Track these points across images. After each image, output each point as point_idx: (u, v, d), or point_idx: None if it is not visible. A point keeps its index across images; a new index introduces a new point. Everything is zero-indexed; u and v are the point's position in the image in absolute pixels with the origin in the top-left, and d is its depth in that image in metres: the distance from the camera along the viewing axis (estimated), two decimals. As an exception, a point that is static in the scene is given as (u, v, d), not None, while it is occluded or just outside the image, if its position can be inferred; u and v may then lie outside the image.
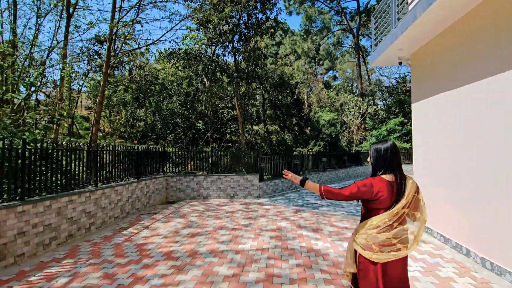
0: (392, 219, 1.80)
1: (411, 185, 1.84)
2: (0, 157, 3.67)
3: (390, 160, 1.89)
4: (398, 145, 19.78)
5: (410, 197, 1.82)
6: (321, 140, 20.84)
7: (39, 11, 12.48)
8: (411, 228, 1.87)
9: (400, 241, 1.81)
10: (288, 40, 35.96)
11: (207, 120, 18.90)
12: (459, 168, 3.96)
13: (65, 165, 4.85)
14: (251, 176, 9.01)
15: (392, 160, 1.89)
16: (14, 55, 9.62)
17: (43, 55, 14.13)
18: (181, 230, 5.34)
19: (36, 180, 4.23)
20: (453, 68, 4.08)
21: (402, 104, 26.45)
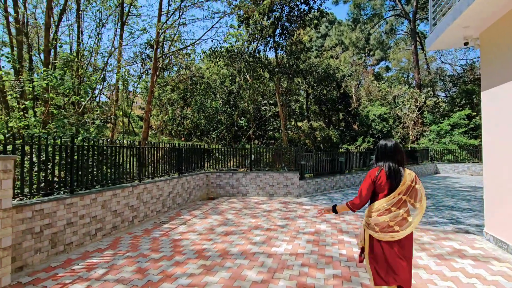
0: (389, 204, 2.16)
1: (408, 176, 2.20)
2: (51, 153, 4.01)
3: (390, 155, 2.27)
4: (465, 142, 17.35)
5: (406, 186, 2.16)
6: (370, 137, 19.34)
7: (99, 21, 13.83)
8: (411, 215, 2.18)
9: (397, 224, 2.13)
10: (334, 31, 34.20)
11: (249, 117, 18.98)
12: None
13: (110, 161, 5.17)
14: (291, 174, 8.67)
15: (391, 155, 2.26)
16: (77, 62, 10.79)
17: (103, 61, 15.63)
18: (216, 228, 5.30)
19: (84, 174, 4.56)
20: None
21: (469, 94, 23.09)
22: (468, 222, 5.55)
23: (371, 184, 2.27)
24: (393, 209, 2.15)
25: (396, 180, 2.20)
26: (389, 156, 2.27)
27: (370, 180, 2.27)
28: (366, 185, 2.27)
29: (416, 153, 15.47)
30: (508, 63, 3.82)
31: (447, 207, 6.97)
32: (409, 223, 2.14)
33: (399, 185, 2.18)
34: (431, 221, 5.67)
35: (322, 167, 10.10)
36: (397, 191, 2.17)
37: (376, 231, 2.20)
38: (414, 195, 2.18)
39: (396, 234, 2.12)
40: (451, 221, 5.60)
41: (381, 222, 2.17)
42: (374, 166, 2.35)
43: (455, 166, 16.22)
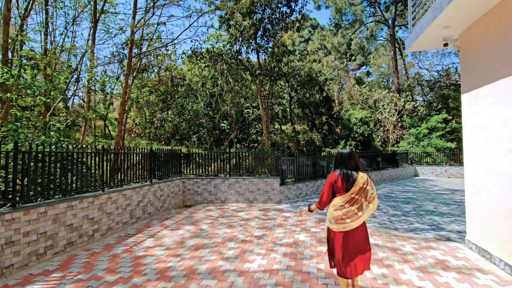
0: (344, 201, 2.62)
1: (360, 179, 2.63)
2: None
3: (344, 162, 2.71)
4: (442, 145, 17.76)
5: (358, 187, 2.61)
6: (352, 140, 19.44)
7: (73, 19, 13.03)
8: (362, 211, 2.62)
9: (348, 217, 2.59)
10: (317, 36, 34.60)
11: (232, 120, 18.59)
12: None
13: (66, 169, 4.62)
14: (271, 180, 8.34)
15: (345, 162, 2.71)
16: (43, 60, 9.99)
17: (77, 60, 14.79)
18: (187, 241, 4.86)
19: (32, 185, 4.00)
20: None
21: (445, 99, 23.86)
22: (449, 228, 5.43)
23: (330, 187, 2.75)
24: (346, 206, 2.63)
25: (350, 183, 2.66)
26: (344, 163, 2.74)
27: (329, 183, 2.75)
28: (326, 188, 2.76)
29: (396, 156, 15.64)
30: (487, 65, 3.69)
31: (428, 211, 6.87)
32: (358, 216, 2.60)
33: (352, 187, 2.64)
34: (412, 227, 5.50)
35: (304, 172, 9.86)
36: (351, 192, 2.63)
37: (332, 223, 2.68)
38: (365, 195, 2.64)
39: (347, 225, 2.60)
40: (432, 227, 5.45)
41: (336, 215, 2.65)
42: (332, 171, 2.83)
43: (433, 169, 16.54)
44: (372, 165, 13.58)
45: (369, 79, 38.56)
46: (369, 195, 2.64)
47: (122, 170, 6.15)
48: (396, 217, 6.32)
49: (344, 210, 2.62)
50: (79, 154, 4.94)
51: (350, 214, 2.60)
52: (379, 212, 6.86)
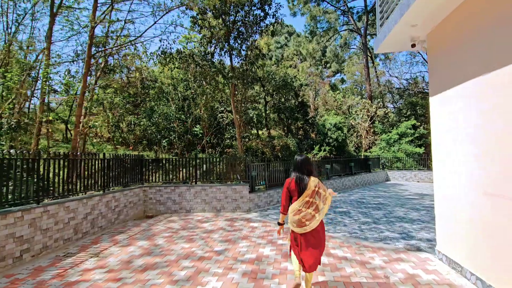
0: (300, 205, 2.84)
1: (312, 182, 2.87)
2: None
3: (298, 167, 2.97)
4: (411, 150, 18.30)
5: (311, 191, 2.85)
6: (326, 145, 19.54)
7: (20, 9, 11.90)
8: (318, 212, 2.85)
9: (307, 220, 2.82)
10: (293, 42, 35.02)
11: (205, 125, 17.96)
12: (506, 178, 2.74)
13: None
14: (240, 187, 7.88)
15: (299, 167, 2.96)
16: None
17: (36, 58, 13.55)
18: (136, 259, 4.24)
19: None
20: (492, 45, 2.89)
21: (414, 106, 24.91)
22: (419, 236, 5.25)
23: (287, 191, 2.96)
24: (303, 209, 2.80)
25: (301, 187, 2.85)
26: (298, 168, 2.95)
27: (286, 187, 2.97)
28: (283, 192, 2.98)
29: (368, 162, 15.82)
30: (455, 65, 3.52)
31: (398, 218, 6.74)
32: (315, 218, 2.80)
33: (304, 191, 2.83)
34: (382, 236, 5.26)
35: (276, 178, 9.51)
36: (304, 195, 2.82)
37: (295, 226, 2.86)
38: (319, 197, 2.84)
39: (308, 227, 2.78)
40: (402, 236, 5.25)
41: (296, 220, 2.81)
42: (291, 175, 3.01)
43: (403, 174, 16.94)
44: (346, 170, 13.57)
45: (344, 86, 39.60)
46: (322, 197, 2.87)
47: (69, 179, 5.40)
48: (367, 225, 6.10)
49: (302, 214, 2.80)
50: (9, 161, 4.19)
51: (309, 217, 2.80)
52: (349, 220, 6.62)
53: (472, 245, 3.21)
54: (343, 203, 9.13)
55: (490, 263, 2.93)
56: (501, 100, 2.78)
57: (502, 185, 2.76)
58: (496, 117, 2.85)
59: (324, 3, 29.71)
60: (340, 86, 38.96)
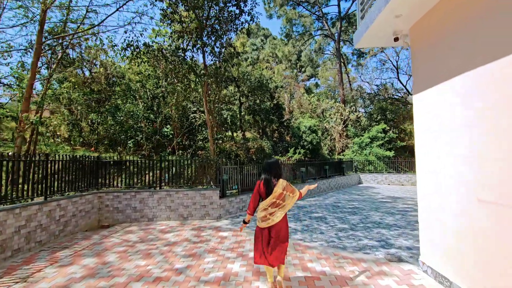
0: (267, 204, 3.07)
1: (280, 185, 3.09)
2: None
3: (267, 169, 3.18)
4: (382, 153, 18.71)
5: (278, 193, 3.07)
6: (301, 148, 19.41)
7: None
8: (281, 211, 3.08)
9: (271, 215, 3.06)
10: (269, 44, 34.94)
11: (176, 125, 17.01)
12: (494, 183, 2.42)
13: None
14: (210, 192, 7.22)
15: (268, 170, 3.17)
16: None
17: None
18: (74, 285, 3.45)
19: None
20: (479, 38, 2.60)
21: (384, 111, 25.73)
22: (397, 243, 4.97)
23: (257, 192, 3.18)
24: (269, 208, 3.06)
25: (269, 188, 3.08)
26: (267, 171, 3.16)
27: (256, 189, 3.18)
28: (254, 193, 3.19)
29: (342, 165, 15.85)
30: (440, 61, 3.23)
31: (375, 224, 6.49)
32: (277, 214, 3.05)
33: (272, 192, 3.06)
34: (361, 244, 4.91)
35: (250, 181, 8.97)
36: (271, 197, 3.05)
37: (260, 222, 3.11)
38: (284, 199, 3.07)
39: (270, 222, 3.05)
40: (381, 244, 4.94)
41: (262, 216, 3.08)
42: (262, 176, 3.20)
43: (375, 177, 17.22)
44: (320, 174, 13.40)
45: (318, 90, 40.29)
46: (287, 199, 3.09)
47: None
48: (344, 232, 5.75)
49: (268, 211, 3.06)
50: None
51: (272, 213, 3.05)
52: (326, 227, 6.24)
53: (463, 258, 2.89)
54: (319, 207, 8.81)
55: (484, 280, 2.60)
56: (496, 96, 2.48)
57: (500, 190, 2.44)
58: (489, 114, 2.55)
59: (300, 7, 30.00)
60: (315, 90, 39.60)
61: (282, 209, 3.07)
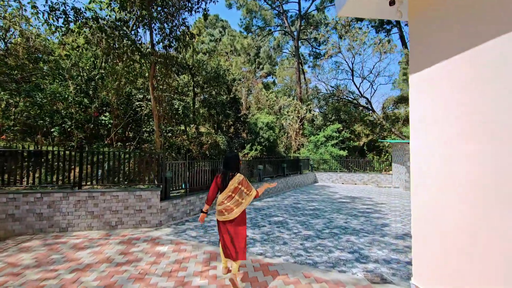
0: (224, 198, 3.15)
1: (236, 179, 3.16)
2: None
3: (226, 163, 3.25)
4: (336, 152, 18.89)
5: (233, 186, 3.14)
6: (258, 144, 18.60)
7: None
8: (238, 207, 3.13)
9: (227, 211, 3.11)
10: (227, 36, 33.50)
11: (118, 113, 14.69)
12: None
13: None
14: (148, 193, 5.76)
15: (226, 163, 3.25)
16: None
17: None
18: None
19: None
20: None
21: (338, 111, 26.45)
22: (373, 255, 4.26)
23: (215, 184, 3.25)
24: (226, 202, 3.14)
25: (226, 182, 3.18)
26: (225, 164, 3.27)
27: (214, 181, 3.27)
28: (212, 185, 3.26)
29: (299, 163, 15.41)
30: (447, 32, 2.45)
31: (341, 229, 5.80)
32: (233, 210, 3.10)
33: (227, 186, 3.15)
34: (333, 258, 4.07)
35: (200, 180, 7.68)
36: (227, 190, 3.15)
37: (217, 215, 3.20)
38: (240, 193, 3.16)
39: (226, 217, 3.11)
40: (355, 257, 4.17)
41: (219, 209, 3.16)
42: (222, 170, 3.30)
43: (330, 175, 17.23)
44: (278, 172, 12.67)
45: (275, 88, 40.18)
46: (244, 194, 3.17)
47: None
48: (311, 241, 4.88)
49: (224, 206, 3.13)
50: None
51: (228, 209, 3.12)
52: (289, 235, 5.32)
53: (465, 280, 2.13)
54: (278, 209, 7.93)
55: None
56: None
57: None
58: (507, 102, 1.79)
59: (261, 0, 29.20)
60: (273, 88, 39.40)
61: (238, 207, 3.12)
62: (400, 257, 4.17)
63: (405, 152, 13.17)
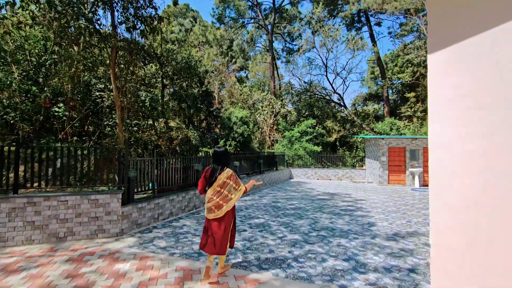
0: (212, 194, 3.14)
1: (225, 174, 3.16)
2: None
3: (215, 158, 3.26)
4: (310, 148, 18.80)
5: (222, 181, 3.14)
6: (232, 140, 17.87)
7: None
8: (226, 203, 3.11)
9: (216, 208, 3.10)
10: (198, 26, 32.00)
11: (75, 104, 13.05)
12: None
13: None
14: (105, 197, 4.82)
15: (215, 158, 3.25)
16: None
17: None
18: None
19: None
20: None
21: (311, 107, 26.49)
22: (370, 262, 3.82)
23: (204, 178, 3.25)
24: (214, 198, 3.12)
25: (214, 177, 3.17)
26: (214, 159, 3.27)
27: (203, 175, 3.25)
28: (201, 179, 3.26)
29: (275, 159, 14.98)
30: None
31: (328, 231, 5.35)
32: (222, 207, 3.08)
33: (216, 181, 3.15)
34: (328, 269, 3.55)
35: (171, 179, 6.81)
36: (215, 185, 3.14)
37: (207, 213, 3.16)
38: (229, 188, 3.14)
39: (216, 214, 3.09)
40: (352, 265, 3.69)
41: (208, 207, 3.14)
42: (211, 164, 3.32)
43: (305, 171, 17.05)
44: (254, 168, 12.08)
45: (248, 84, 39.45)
46: (232, 190, 3.14)
47: None
48: (299, 248, 4.34)
49: (213, 202, 3.10)
50: None
51: (217, 205, 3.09)
52: (274, 240, 4.73)
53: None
54: (257, 209, 7.34)
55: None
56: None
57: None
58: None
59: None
60: (246, 83, 38.63)
61: (227, 203, 3.11)
62: (399, 262, 3.77)
63: (379, 148, 13.29)
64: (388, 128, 19.70)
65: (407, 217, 6.56)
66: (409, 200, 9.05)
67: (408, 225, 5.82)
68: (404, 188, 12.13)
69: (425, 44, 21.61)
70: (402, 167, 13.20)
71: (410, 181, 12.96)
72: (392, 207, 7.73)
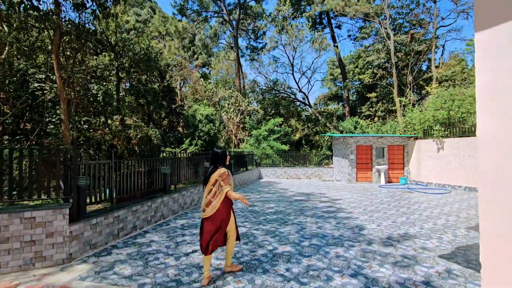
0: (206, 192, 3.22)
1: (217, 172, 3.20)
2: None
3: (215, 159, 3.31)
4: (278, 147, 18.52)
5: (214, 179, 3.18)
6: (198, 139, 16.77)
7: None
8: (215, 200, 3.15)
9: (207, 206, 3.16)
10: (158, 17, 29.84)
11: (6, 97, 10.86)
12: None
13: None
14: (45, 213, 3.68)
15: (215, 160, 3.31)
16: None
17: None
18: None
19: None
20: None
21: (277, 105, 26.39)
22: (379, 276, 3.38)
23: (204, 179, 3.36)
24: (208, 196, 3.19)
25: (207, 175, 3.27)
26: (211, 159, 3.34)
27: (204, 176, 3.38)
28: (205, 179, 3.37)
29: (245, 158, 14.32)
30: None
31: (320, 238, 4.86)
32: (212, 205, 3.14)
33: (209, 179, 3.22)
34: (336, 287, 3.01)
35: (131, 186, 5.73)
36: (209, 183, 3.21)
37: (201, 212, 3.21)
38: (218, 185, 3.17)
39: (205, 213, 3.15)
40: (361, 282, 3.20)
41: (202, 207, 3.21)
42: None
43: (274, 171, 16.70)
44: (224, 169, 11.28)
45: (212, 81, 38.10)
46: (219, 187, 3.16)
47: None
48: (296, 263, 3.74)
49: (205, 200, 3.19)
50: None
51: (208, 203, 3.16)
52: (264, 253, 4.06)
53: None
54: (237, 215, 6.60)
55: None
56: None
57: None
58: None
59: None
60: (210, 80, 37.26)
61: (216, 199, 3.14)
62: (409, 274, 3.39)
63: (348, 146, 13.43)
64: (352, 127, 20.30)
65: (390, 217, 6.41)
66: (382, 197, 9.10)
67: (396, 226, 5.62)
68: (372, 185, 12.38)
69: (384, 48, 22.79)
70: (369, 164, 13.52)
71: (376, 178, 13.33)
72: (370, 206, 7.61)
